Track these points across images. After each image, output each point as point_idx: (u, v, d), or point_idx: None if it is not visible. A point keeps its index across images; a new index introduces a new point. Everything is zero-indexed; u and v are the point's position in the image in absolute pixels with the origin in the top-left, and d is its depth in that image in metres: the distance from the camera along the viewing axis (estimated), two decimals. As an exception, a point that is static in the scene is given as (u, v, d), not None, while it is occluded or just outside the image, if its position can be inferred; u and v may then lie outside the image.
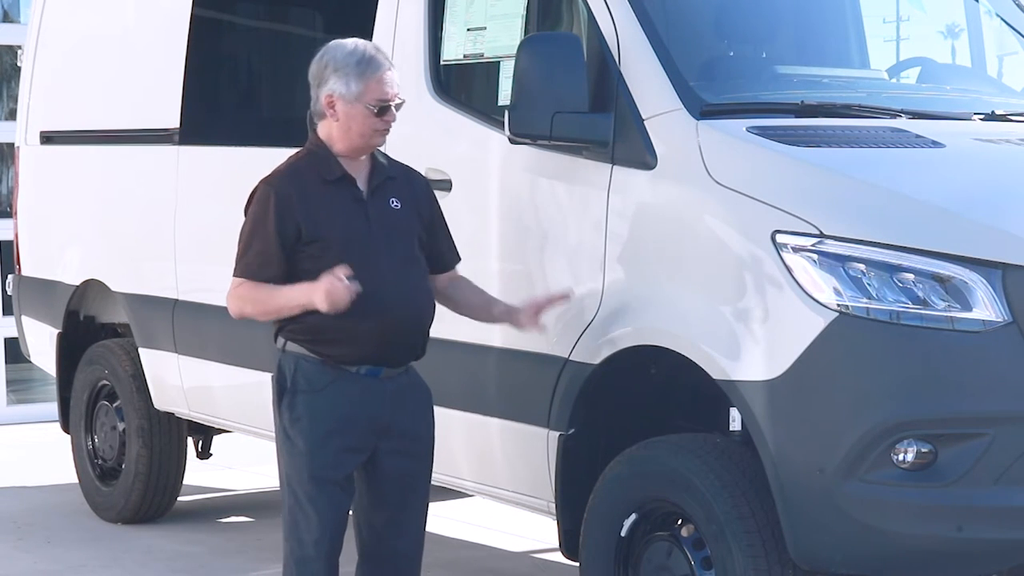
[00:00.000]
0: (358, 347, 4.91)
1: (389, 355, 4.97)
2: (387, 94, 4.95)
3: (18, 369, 11.59)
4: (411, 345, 5.04)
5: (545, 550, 7.41)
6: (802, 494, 4.68)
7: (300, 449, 4.94)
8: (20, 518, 8.29)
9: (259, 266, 4.93)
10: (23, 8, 12.75)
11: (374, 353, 4.94)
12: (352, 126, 4.95)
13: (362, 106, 4.93)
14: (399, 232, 5.01)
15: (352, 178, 4.99)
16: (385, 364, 4.97)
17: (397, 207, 5.02)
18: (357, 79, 4.92)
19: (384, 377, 4.97)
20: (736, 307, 4.83)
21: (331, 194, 4.95)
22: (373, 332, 4.89)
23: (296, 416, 4.95)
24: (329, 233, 4.89)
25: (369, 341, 4.90)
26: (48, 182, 8.58)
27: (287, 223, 4.89)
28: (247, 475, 9.18)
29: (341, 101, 4.94)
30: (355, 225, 4.94)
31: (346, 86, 4.92)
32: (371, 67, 4.94)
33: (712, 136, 5.05)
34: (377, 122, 4.95)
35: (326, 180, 4.96)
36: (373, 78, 4.93)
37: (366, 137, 4.97)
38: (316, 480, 4.93)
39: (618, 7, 5.32)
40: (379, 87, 4.94)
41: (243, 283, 4.97)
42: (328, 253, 4.87)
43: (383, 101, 4.94)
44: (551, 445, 5.41)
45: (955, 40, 6.63)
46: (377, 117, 4.94)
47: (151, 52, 7.71)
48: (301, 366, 4.95)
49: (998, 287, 4.61)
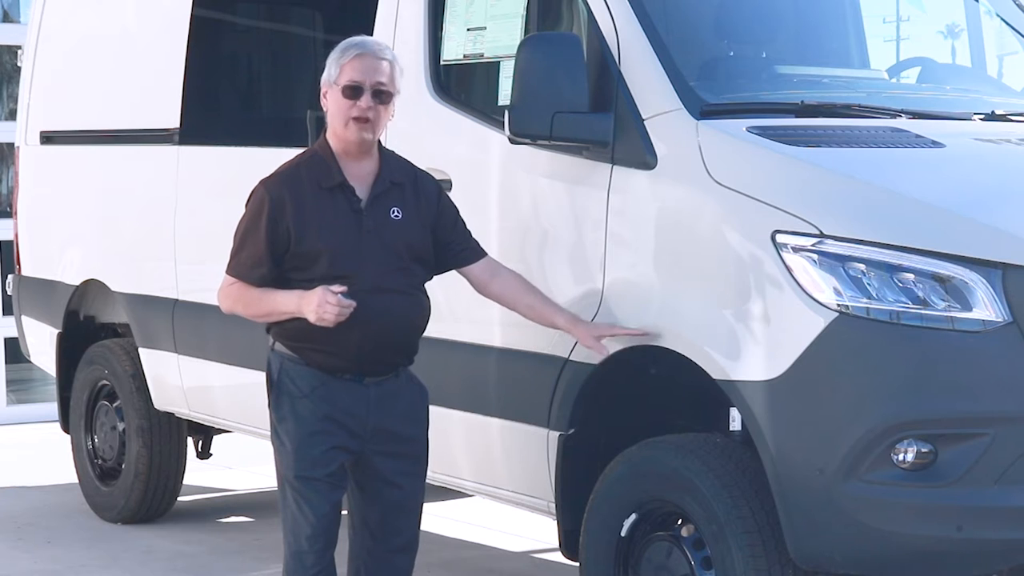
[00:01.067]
0: (339, 358, 4.92)
1: (369, 367, 4.97)
2: (359, 75, 4.85)
3: (18, 369, 11.59)
4: (393, 357, 5.02)
5: (545, 550, 7.41)
6: (802, 494, 4.68)
7: (287, 448, 4.97)
8: (20, 518, 8.29)
9: (250, 268, 4.94)
10: (23, 8, 12.75)
11: (355, 364, 4.94)
12: (332, 113, 4.93)
13: (336, 89, 4.90)
14: (394, 243, 4.96)
15: (351, 187, 4.94)
16: (368, 374, 4.97)
17: (398, 217, 4.98)
18: (335, 63, 4.91)
19: (368, 383, 4.98)
20: (736, 307, 4.83)
21: (327, 202, 4.91)
22: (353, 345, 4.89)
23: (281, 416, 4.98)
24: (318, 244, 4.88)
25: (349, 353, 4.91)
26: (48, 182, 8.58)
27: (278, 230, 4.88)
28: (247, 475, 9.18)
29: (327, 87, 4.94)
30: (347, 236, 4.90)
31: (328, 72, 4.93)
32: (349, 51, 4.90)
33: (712, 136, 5.05)
34: (349, 106, 4.86)
35: (323, 187, 4.92)
36: (348, 59, 4.88)
37: (341, 126, 4.89)
38: (303, 478, 4.95)
39: (618, 7, 5.32)
40: (350, 68, 4.87)
41: (235, 282, 4.99)
42: (315, 264, 4.88)
43: (353, 82, 4.86)
44: (551, 445, 5.41)
45: (955, 40, 6.63)
46: (348, 100, 4.86)
47: (151, 52, 7.71)
48: (286, 367, 4.98)
49: (998, 287, 4.61)
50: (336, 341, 4.86)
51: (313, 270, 4.87)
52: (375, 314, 4.87)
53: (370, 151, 5.01)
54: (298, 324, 4.88)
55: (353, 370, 4.95)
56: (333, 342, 4.87)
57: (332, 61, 4.94)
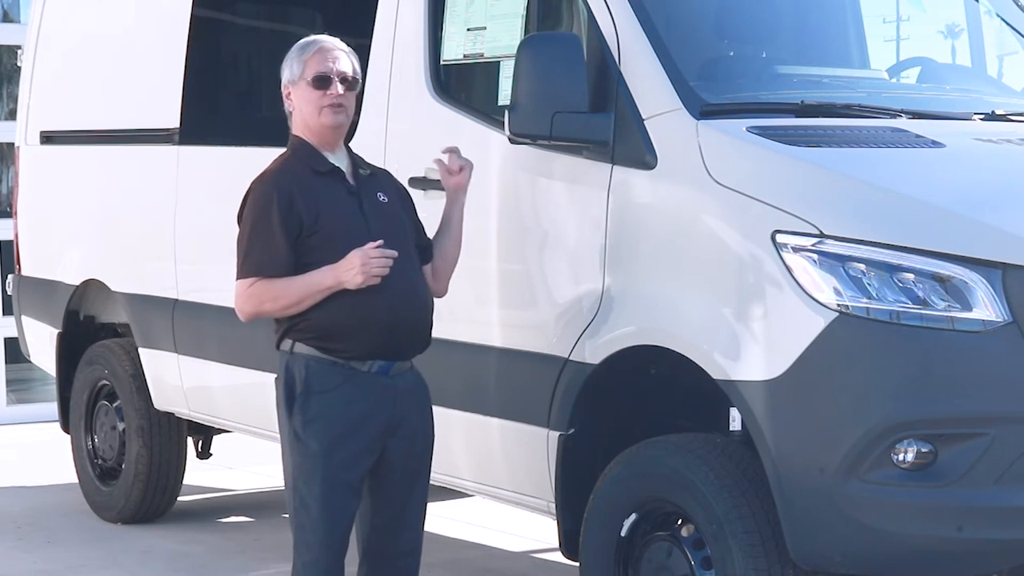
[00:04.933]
0: (369, 339, 4.90)
1: (399, 346, 4.97)
2: (325, 67, 4.98)
3: (18, 369, 11.59)
4: (420, 335, 5.04)
5: (545, 550, 7.41)
6: (802, 494, 4.68)
7: (313, 451, 4.90)
8: (20, 518, 8.28)
9: (270, 261, 4.91)
10: (23, 8, 12.75)
11: (385, 345, 4.93)
12: (303, 107, 5.02)
13: (304, 83, 5.00)
14: (394, 225, 5.03)
15: (341, 171, 5.03)
16: (395, 357, 4.97)
17: (385, 201, 5.05)
18: (297, 61, 5.03)
19: (394, 374, 4.97)
20: (736, 307, 4.83)
21: (326, 186, 4.98)
22: (384, 322, 4.89)
23: (310, 418, 4.91)
24: (330, 224, 4.90)
25: (380, 332, 4.90)
26: (48, 182, 8.58)
27: (291, 216, 4.90)
28: (247, 475, 9.18)
29: (291, 87, 5.04)
30: (354, 218, 4.96)
31: (291, 71, 5.03)
32: (309, 48, 5.03)
33: (712, 136, 5.05)
34: (320, 96, 4.97)
35: (319, 172, 4.99)
36: (310, 55, 5.01)
37: (316, 115, 4.98)
38: (329, 482, 4.90)
39: (618, 7, 5.32)
40: (315, 62, 4.99)
41: (255, 282, 4.93)
42: (331, 243, 4.89)
43: (320, 73, 4.97)
44: (551, 445, 5.40)
45: (955, 40, 6.63)
46: (318, 90, 4.97)
47: (151, 52, 7.71)
48: (312, 367, 4.93)
49: (998, 287, 4.61)
50: (365, 322, 4.86)
51: (328, 250, 4.88)
52: (398, 290, 4.89)
53: (341, 143, 5.10)
54: (322, 316, 4.88)
55: (383, 352, 4.93)
56: (362, 324, 4.87)
57: (292, 60, 5.04)
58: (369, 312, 4.87)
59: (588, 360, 5.27)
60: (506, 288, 5.64)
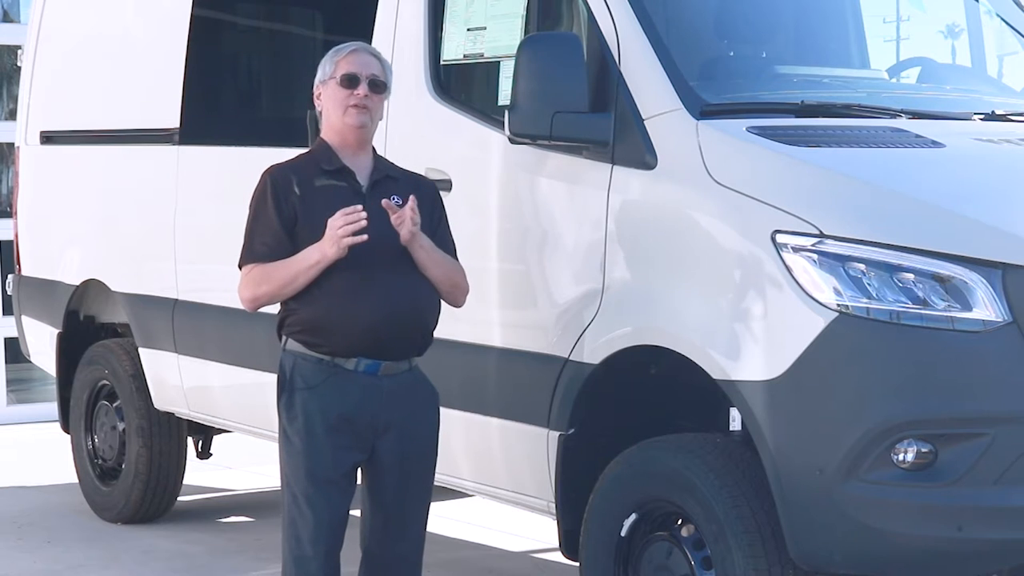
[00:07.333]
0: (354, 337, 4.91)
1: (385, 347, 4.97)
2: (355, 67, 5.03)
3: (18, 369, 11.59)
4: (407, 338, 5.03)
5: (545, 550, 7.41)
6: (802, 494, 4.68)
7: (297, 448, 4.95)
8: (20, 518, 8.29)
9: (268, 248, 4.97)
10: (23, 8, 12.75)
11: (370, 343, 4.94)
12: (329, 107, 5.07)
13: (333, 82, 5.05)
14: None
15: (351, 171, 5.04)
16: (382, 356, 4.97)
17: (398, 203, 5.02)
18: (330, 62, 5.10)
19: (383, 374, 4.97)
20: (736, 307, 4.83)
21: (329, 183, 5.00)
22: (367, 320, 4.90)
23: (293, 415, 4.97)
24: (324, 219, 4.90)
25: (363, 330, 4.91)
26: (48, 182, 8.58)
27: (284, 206, 4.95)
28: (247, 475, 9.18)
29: (321, 87, 5.10)
30: None
31: (323, 71, 5.10)
32: (343, 50, 5.10)
33: (712, 136, 5.05)
34: (347, 95, 5.01)
35: (325, 170, 5.02)
36: (342, 56, 5.07)
37: (340, 115, 5.02)
38: (313, 479, 4.94)
39: (618, 7, 5.32)
40: (346, 62, 5.05)
41: (253, 267, 5.00)
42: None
43: (349, 72, 5.02)
44: (551, 445, 5.40)
45: (955, 40, 6.63)
46: (345, 89, 5.01)
47: (151, 52, 7.71)
48: (299, 364, 4.97)
49: (998, 287, 4.61)
50: (348, 317, 4.88)
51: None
52: (384, 291, 4.90)
53: (367, 145, 5.10)
54: (309, 311, 4.91)
55: (368, 351, 4.94)
56: (345, 320, 4.88)
57: (326, 61, 5.11)
58: (351, 309, 4.88)
59: (588, 360, 5.27)
60: (506, 288, 5.64)
